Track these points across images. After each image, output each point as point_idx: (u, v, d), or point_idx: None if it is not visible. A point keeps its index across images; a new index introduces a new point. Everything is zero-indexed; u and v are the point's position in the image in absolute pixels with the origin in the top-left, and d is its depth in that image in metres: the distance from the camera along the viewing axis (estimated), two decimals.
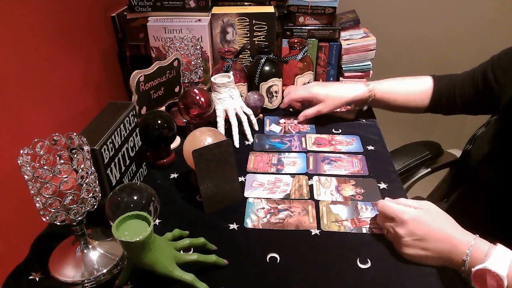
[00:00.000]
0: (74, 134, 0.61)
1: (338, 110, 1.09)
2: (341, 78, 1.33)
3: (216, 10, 1.16)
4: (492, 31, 1.63)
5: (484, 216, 0.80)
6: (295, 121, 1.09)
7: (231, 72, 1.05)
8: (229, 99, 0.99)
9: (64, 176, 0.57)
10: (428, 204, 0.69)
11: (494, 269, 0.58)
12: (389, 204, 0.69)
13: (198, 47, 1.05)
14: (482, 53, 1.67)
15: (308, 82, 1.15)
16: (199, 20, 1.13)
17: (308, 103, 1.08)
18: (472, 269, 0.60)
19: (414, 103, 1.00)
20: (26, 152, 0.57)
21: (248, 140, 1.01)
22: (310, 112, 1.05)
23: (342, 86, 1.05)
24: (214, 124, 0.98)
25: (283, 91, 1.13)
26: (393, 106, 1.02)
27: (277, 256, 0.69)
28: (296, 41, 1.12)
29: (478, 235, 0.64)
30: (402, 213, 0.66)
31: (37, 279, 0.65)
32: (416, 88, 1.00)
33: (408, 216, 0.66)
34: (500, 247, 0.60)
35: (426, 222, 0.65)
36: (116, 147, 0.75)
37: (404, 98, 1.00)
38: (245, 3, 1.23)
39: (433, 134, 1.80)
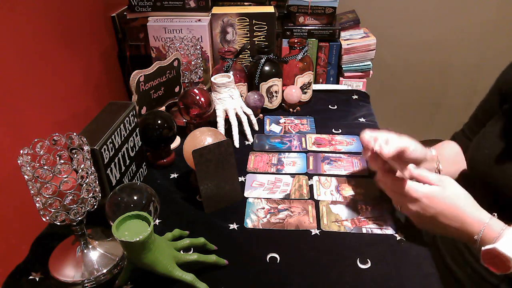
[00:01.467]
0: (74, 134, 0.61)
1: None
2: (341, 78, 1.33)
3: (216, 10, 1.16)
4: (493, 33, 1.63)
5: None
6: (295, 121, 1.09)
7: (231, 72, 1.05)
8: (229, 99, 0.99)
9: (64, 176, 0.57)
10: (447, 180, 0.68)
11: (502, 250, 0.57)
12: (403, 183, 0.68)
13: (198, 47, 1.05)
14: (483, 51, 1.67)
15: (308, 82, 1.15)
16: (199, 20, 1.13)
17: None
18: (482, 248, 0.60)
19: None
20: (26, 152, 0.57)
21: (248, 140, 1.01)
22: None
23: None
24: (214, 124, 0.98)
25: (283, 91, 1.13)
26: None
27: (277, 256, 0.69)
28: (296, 41, 1.12)
29: (496, 214, 0.63)
30: (414, 191, 0.66)
31: (37, 279, 0.65)
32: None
33: (419, 194, 0.66)
34: None
35: (438, 199, 0.65)
36: (116, 147, 0.75)
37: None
38: (245, 3, 1.23)
39: (433, 134, 1.80)
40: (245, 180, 0.88)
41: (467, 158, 0.84)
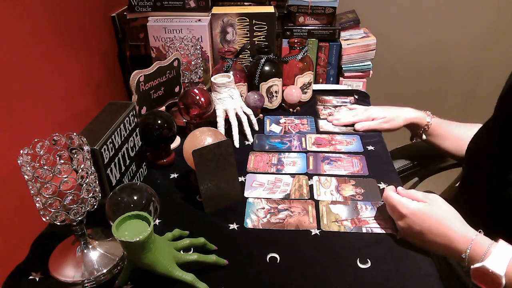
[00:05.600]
0: (74, 134, 0.61)
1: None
2: (341, 78, 1.33)
3: (216, 10, 1.16)
4: (493, 36, 1.63)
5: (487, 210, 0.79)
6: (295, 121, 1.09)
7: (231, 72, 1.05)
8: (229, 99, 0.99)
9: (64, 176, 0.57)
10: (433, 197, 0.69)
11: (492, 269, 0.58)
12: (392, 196, 0.70)
13: (198, 47, 1.05)
14: (483, 53, 1.67)
15: (308, 82, 1.15)
16: (199, 20, 1.13)
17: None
18: (471, 266, 0.60)
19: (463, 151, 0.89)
20: (26, 152, 0.57)
21: (248, 140, 1.01)
22: (369, 124, 1.02)
23: (401, 109, 1.01)
24: (214, 124, 0.98)
25: (283, 91, 1.13)
26: (447, 149, 0.95)
27: (277, 256, 0.69)
28: (296, 41, 1.12)
29: (482, 231, 0.64)
30: (402, 207, 0.68)
31: (37, 279, 0.65)
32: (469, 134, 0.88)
33: (406, 211, 0.67)
34: (501, 244, 0.60)
35: (425, 216, 0.66)
36: (116, 147, 0.75)
37: (458, 143, 0.92)
38: (245, 3, 1.23)
39: None
40: (245, 180, 0.87)
41: (466, 150, 0.85)
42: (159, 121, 0.86)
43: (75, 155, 0.59)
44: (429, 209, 0.67)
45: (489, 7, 1.59)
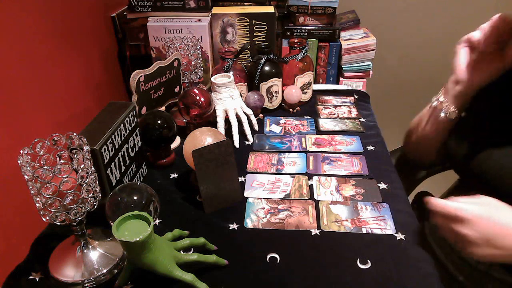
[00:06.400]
0: (74, 134, 0.61)
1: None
2: (341, 78, 1.33)
3: (216, 10, 1.16)
4: None
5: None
6: (295, 122, 1.09)
7: (231, 72, 1.05)
8: (229, 99, 0.99)
9: (64, 176, 0.57)
10: (485, 198, 0.62)
11: None
12: (446, 203, 0.62)
13: (198, 47, 1.05)
14: None
15: (308, 82, 1.15)
16: (199, 20, 1.13)
17: None
18: None
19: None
20: (26, 152, 0.57)
21: (248, 140, 1.01)
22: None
23: None
24: (214, 124, 0.98)
25: (283, 91, 1.13)
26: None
27: (277, 256, 0.69)
28: (296, 41, 1.12)
29: None
30: (464, 211, 0.59)
31: (37, 279, 0.65)
32: None
33: (471, 215, 0.59)
34: None
35: (491, 218, 0.59)
36: (116, 147, 0.75)
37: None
38: (245, 3, 1.23)
39: None
40: (245, 180, 0.87)
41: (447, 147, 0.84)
42: (159, 121, 0.86)
43: (75, 155, 0.59)
44: (492, 210, 0.60)
45: (490, 7, 1.59)
